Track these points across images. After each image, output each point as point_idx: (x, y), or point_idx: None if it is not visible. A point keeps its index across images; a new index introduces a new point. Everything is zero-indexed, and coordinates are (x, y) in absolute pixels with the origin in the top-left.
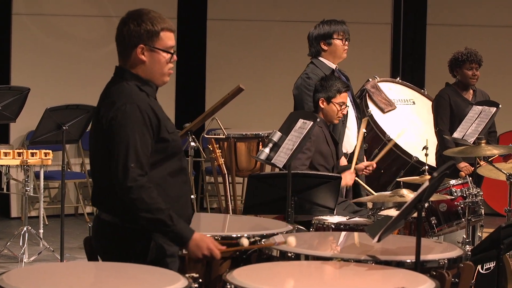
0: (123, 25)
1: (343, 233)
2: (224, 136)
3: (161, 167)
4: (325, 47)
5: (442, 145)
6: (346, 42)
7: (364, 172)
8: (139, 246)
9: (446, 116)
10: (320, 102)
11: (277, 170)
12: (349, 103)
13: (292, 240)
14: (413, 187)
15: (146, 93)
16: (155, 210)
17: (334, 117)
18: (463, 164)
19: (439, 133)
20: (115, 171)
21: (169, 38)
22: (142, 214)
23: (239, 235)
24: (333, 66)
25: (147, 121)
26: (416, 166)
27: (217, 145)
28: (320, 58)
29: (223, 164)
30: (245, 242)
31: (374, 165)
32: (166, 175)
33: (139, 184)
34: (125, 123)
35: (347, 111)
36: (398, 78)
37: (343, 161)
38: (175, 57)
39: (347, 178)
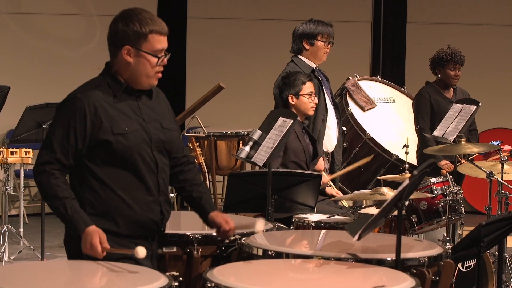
0: (113, 24)
1: (323, 231)
2: (204, 135)
3: (110, 167)
4: (307, 46)
5: (422, 143)
6: (329, 46)
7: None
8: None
9: (427, 115)
10: (289, 99)
11: (257, 168)
12: (328, 101)
13: (260, 225)
14: (393, 185)
15: (112, 91)
16: (52, 197)
17: (308, 108)
18: (443, 162)
19: (419, 132)
20: None
21: (158, 41)
22: (45, 199)
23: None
24: (313, 65)
25: (82, 116)
26: (396, 164)
27: (197, 144)
28: (301, 57)
29: (203, 163)
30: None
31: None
32: (115, 176)
33: (40, 170)
34: (59, 112)
35: (327, 110)
36: (378, 76)
37: (321, 161)
38: (165, 60)
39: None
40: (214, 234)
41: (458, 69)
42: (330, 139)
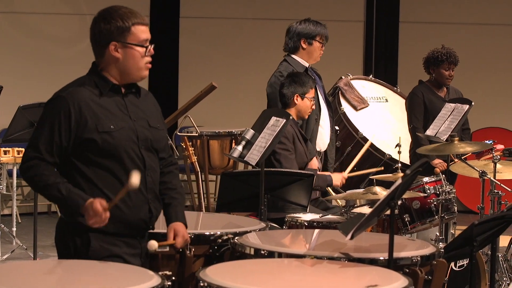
0: (94, 25)
1: (316, 230)
2: (197, 134)
3: (97, 166)
4: (304, 46)
5: (415, 143)
6: (323, 48)
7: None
8: (78, 243)
9: (420, 114)
10: (295, 97)
11: (250, 167)
12: (321, 100)
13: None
14: (386, 184)
15: (99, 90)
16: (44, 187)
17: (307, 112)
18: (437, 161)
19: (412, 131)
20: None
21: (141, 32)
22: (38, 192)
23: (212, 233)
24: (306, 64)
25: (66, 115)
26: (389, 164)
27: (190, 143)
28: (294, 56)
29: (196, 162)
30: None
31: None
32: (101, 175)
33: (26, 166)
34: (44, 113)
35: (320, 109)
36: (371, 76)
37: (314, 161)
38: (152, 50)
39: (337, 179)
40: (207, 233)
41: (453, 69)
42: (323, 138)
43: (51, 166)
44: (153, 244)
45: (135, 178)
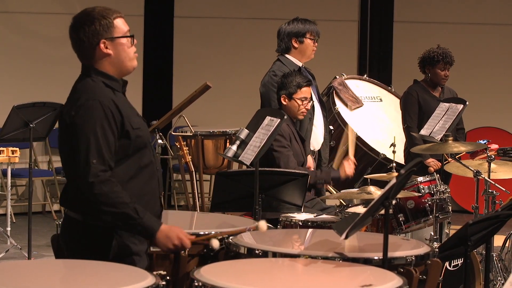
0: (78, 31)
1: (311, 230)
2: (191, 134)
3: (125, 163)
4: (296, 45)
5: (410, 142)
6: (315, 44)
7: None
8: (101, 244)
9: (414, 113)
10: (282, 99)
11: (244, 167)
12: (315, 100)
13: (263, 224)
14: (380, 184)
15: (112, 89)
16: (119, 204)
17: (297, 113)
18: (430, 160)
19: (406, 130)
20: (77, 167)
21: (122, 24)
22: (106, 208)
23: (206, 233)
24: (300, 64)
25: (110, 117)
26: (383, 163)
27: (184, 143)
28: (287, 56)
29: (191, 162)
30: (215, 244)
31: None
32: (130, 172)
33: (101, 179)
34: (87, 119)
35: (314, 108)
36: (365, 75)
37: (310, 159)
38: (135, 40)
39: (346, 169)
40: (202, 233)
41: (448, 69)
42: (317, 138)
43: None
44: (217, 242)
45: (263, 225)
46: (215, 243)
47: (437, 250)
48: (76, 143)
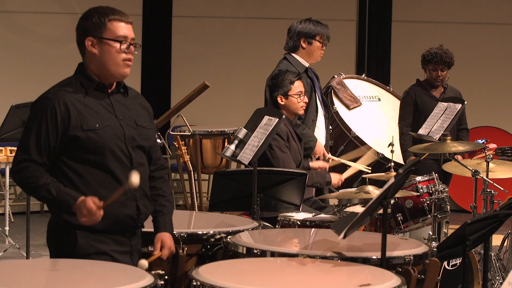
0: (78, 23)
1: (309, 229)
2: (189, 133)
3: (83, 164)
4: (304, 45)
5: (400, 141)
6: (324, 47)
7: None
8: (65, 240)
9: (408, 113)
10: (278, 99)
11: (242, 167)
12: (318, 102)
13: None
14: (379, 183)
15: (85, 89)
16: (33, 188)
17: (298, 108)
18: (412, 158)
19: (399, 129)
20: None
21: (118, 28)
22: (29, 193)
23: (205, 232)
24: (306, 64)
25: (52, 115)
26: (381, 163)
27: (183, 142)
28: (294, 55)
29: (189, 161)
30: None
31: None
32: (87, 173)
33: (17, 168)
34: (33, 112)
35: (317, 110)
36: (363, 75)
37: (319, 145)
38: (132, 47)
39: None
40: (200, 232)
41: (442, 70)
42: (319, 139)
43: (41, 167)
44: (144, 264)
45: (135, 178)
46: (143, 265)
47: (435, 249)
48: None
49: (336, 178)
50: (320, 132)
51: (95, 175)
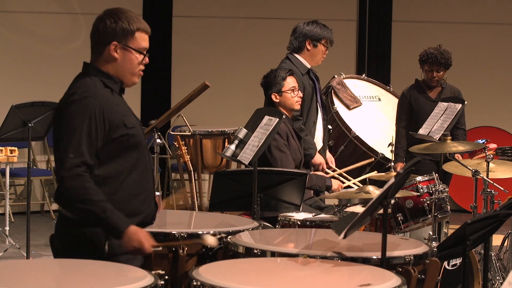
0: (99, 22)
1: (309, 229)
2: (190, 133)
3: (118, 161)
4: (309, 47)
5: (395, 143)
6: (327, 51)
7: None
8: (94, 243)
9: (404, 113)
10: (273, 97)
11: (243, 167)
12: (318, 103)
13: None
14: (379, 183)
15: (110, 89)
16: (87, 201)
17: (293, 103)
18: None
19: (396, 131)
20: (56, 161)
21: (143, 39)
22: (75, 204)
23: (204, 232)
24: (308, 66)
25: (99, 116)
26: (382, 163)
27: (183, 142)
28: (297, 55)
29: (189, 161)
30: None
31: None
32: (124, 170)
33: (72, 174)
34: (78, 114)
35: (317, 111)
36: (363, 75)
37: (318, 156)
38: (147, 59)
39: (336, 184)
40: (200, 232)
41: (437, 71)
42: (317, 141)
43: (90, 177)
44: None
45: (211, 240)
46: (211, 240)
47: (435, 249)
48: (61, 135)
49: (336, 184)
50: (318, 134)
51: (137, 173)
